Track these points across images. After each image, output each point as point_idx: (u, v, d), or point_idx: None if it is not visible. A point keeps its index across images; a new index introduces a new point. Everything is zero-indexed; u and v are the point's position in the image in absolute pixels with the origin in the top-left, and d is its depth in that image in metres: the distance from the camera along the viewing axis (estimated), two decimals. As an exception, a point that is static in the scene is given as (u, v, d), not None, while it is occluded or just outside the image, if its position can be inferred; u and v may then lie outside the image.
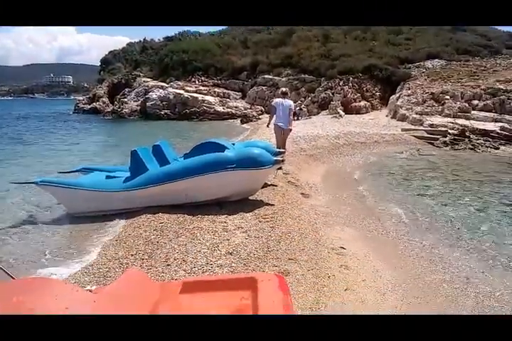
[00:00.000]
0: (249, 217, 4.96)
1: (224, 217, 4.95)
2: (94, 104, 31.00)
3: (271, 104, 8.31)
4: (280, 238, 4.30)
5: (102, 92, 31.59)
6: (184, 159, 5.71)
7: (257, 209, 5.26)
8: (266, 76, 24.92)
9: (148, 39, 39.85)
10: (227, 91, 26.41)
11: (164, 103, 26.63)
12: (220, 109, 24.94)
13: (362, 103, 19.89)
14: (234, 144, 6.28)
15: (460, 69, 19.27)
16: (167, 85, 27.80)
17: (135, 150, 5.50)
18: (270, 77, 24.68)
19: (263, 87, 24.59)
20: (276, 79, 24.32)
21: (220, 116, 24.39)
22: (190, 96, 25.98)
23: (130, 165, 5.59)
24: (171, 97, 26.49)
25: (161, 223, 4.81)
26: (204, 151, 5.43)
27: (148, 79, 30.22)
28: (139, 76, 31.00)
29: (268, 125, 8.25)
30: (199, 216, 4.99)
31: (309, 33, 27.69)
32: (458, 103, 15.34)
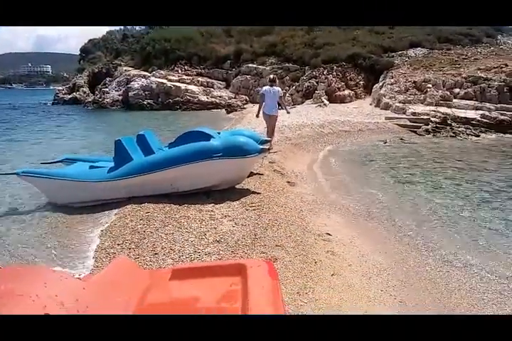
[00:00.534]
0: (236, 206, 4.97)
1: (211, 206, 4.95)
2: (74, 94, 30.27)
3: (260, 93, 8.46)
4: (267, 225, 4.33)
5: (83, 82, 30.85)
6: (169, 148, 5.66)
7: (244, 197, 5.27)
8: (250, 65, 24.69)
9: (129, 27, 38.97)
10: (210, 80, 26.10)
11: (147, 92, 26.19)
12: (204, 99, 24.66)
13: (346, 92, 19.95)
14: (219, 133, 6.24)
15: (442, 57, 19.45)
16: (149, 74, 27.30)
17: (119, 139, 5.42)
18: (254, 66, 24.47)
19: (247, 76, 24.38)
20: (260, 68, 24.13)
21: (204, 105, 24.12)
22: (173, 85, 25.58)
23: (114, 155, 5.50)
24: (154, 87, 26.06)
25: (147, 213, 4.78)
26: (189, 140, 5.37)
27: (129, 68, 29.59)
28: (120, 65, 30.34)
29: (257, 115, 8.28)
30: (185, 205, 4.97)
31: (293, 22, 27.48)
32: (440, 91, 15.54)
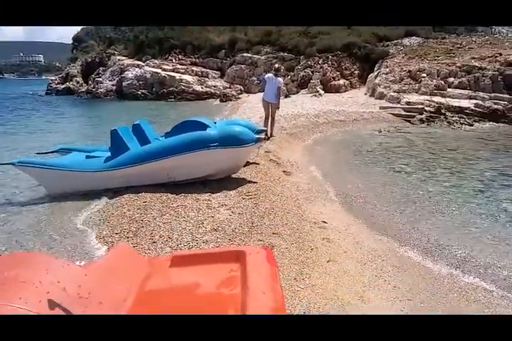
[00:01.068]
0: (232, 195, 5.01)
1: (207, 195, 4.99)
2: (67, 84, 29.86)
3: (263, 78, 8.88)
4: (264, 214, 4.39)
5: (76, 72, 30.42)
6: (165, 138, 5.67)
7: (240, 186, 5.31)
8: (245, 54, 24.46)
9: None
10: (205, 70, 25.86)
11: (141, 82, 25.92)
12: (199, 89, 24.48)
13: (341, 81, 19.89)
14: (215, 123, 6.24)
15: (437, 46, 19.39)
16: (143, 64, 26.98)
17: (115, 129, 5.41)
18: (249, 56, 24.26)
19: (242, 66, 24.19)
20: (255, 57, 23.93)
21: (199, 95, 23.95)
22: (167, 75, 25.34)
23: (110, 144, 5.51)
24: (148, 76, 25.79)
25: (145, 202, 4.81)
26: (185, 130, 5.38)
27: (123, 57, 29.20)
28: (114, 54, 29.92)
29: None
30: (182, 194, 5.01)
31: (288, 10, 27.19)
32: (434, 81, 15.54)
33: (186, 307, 1.67)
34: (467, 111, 13.69)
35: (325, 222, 4.56)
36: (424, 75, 15.86)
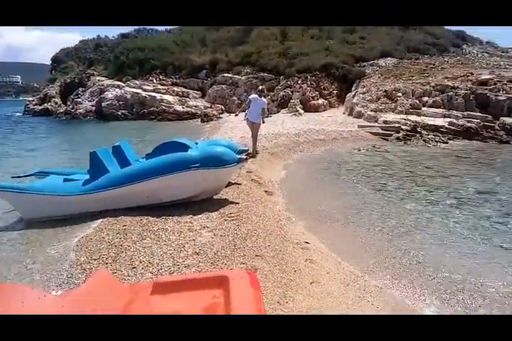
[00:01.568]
0: (214, 216, 4.97)
1: (189, 217, 4.94)
2: (45, 105, 29.56)
3: (248, 98, 9.19)
4: (246, 235, 4.36)
5: (54, 92, 30.20)
6: (146, 160, 5.62)
7: (222, 208, 5.28)
8: (225, 74, 24.82)
9: (102, 36, 38.59)
10: (186, 90, 26.05)
11: (121, 103, 25.87)
12: (180, 109, 24.56)
13: (320, 101, 20.32)
14: (197, 143, 6.24)
15: (411, 67, 20.12)
16: (123, 84, 27.01)
17: (94, 151, 5.34)
18: (230, 76, 24.62)
19: (223, 86, 24.49)
20: (236, 77, 24.30)
21: (180, 115, 24.01)
22: (148, 95, 25.40)
23: (89, 167, 5.42)
24: (128, 97, 25.79)
25: (124, 226, 4.72)
26: (167, 151, 5.36)
27: (103, 78, 29.20)
28: (93, 75, 29.91)
29: (237, 114, 9.68)
30: (163, 217, 4.94)
31: (267, 32, 27.86)
32: (409, 100, 16.06)
33: None
34: (442, 129, 14.13)
35: (307, 243, 4.55)
36: (399, 95, 16.38)
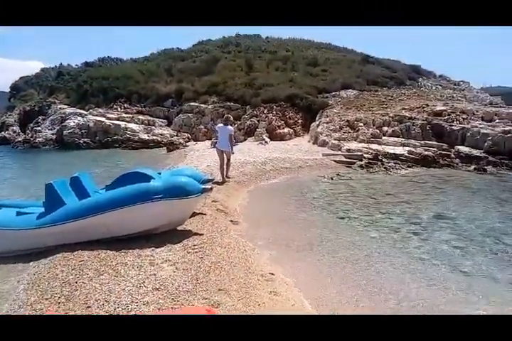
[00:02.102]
0: (177, 249, 4.83)
1: (150, 250, 4.77)
2: (2, 133, 28.34)
3: (214, 128, 9.62)
4: (210, 268, 4.24)
5: (13, 120, 29.10)
6: (106, 191, 5.45)
7: (186, 239, 5.15)
8: (192, 103, 24.96)
9: (64, 64, 38.13)
10: (152, 118, 25.87)
11: (83, 131, 25.27)
12: (145, 137, 24.28)
13: (286, 130, 20.74)
14: (160, 173, 6.14)
15: (371, 98, 21.11)
16: (86, 112, 26.50)
17: (50, 183, 5.13)
18: (196, 105, 24.76)
19: (189, 115, 24.54)
20: (202, 106, 24.46)
21: (145, 143, 23.69)
22: (112, 123, 24.99)
23: (45, 199, 5.18)
24: (91, 125, 25.26)
25: (81, 261, 4.47)
26: (127, 182, 5.22)
27: (64, 106, 28.55)
28: (55, 103, 29.22)
29: (211, 146, 9.93)
30: (123, 250, 4.74)
31: (233, 63, 28.57)
32: (370, 129, 16.72)
33: None
34: (402, 157, 14.71)
35: (272, 274, 4.48)
36: (361, 124, 17.05)
